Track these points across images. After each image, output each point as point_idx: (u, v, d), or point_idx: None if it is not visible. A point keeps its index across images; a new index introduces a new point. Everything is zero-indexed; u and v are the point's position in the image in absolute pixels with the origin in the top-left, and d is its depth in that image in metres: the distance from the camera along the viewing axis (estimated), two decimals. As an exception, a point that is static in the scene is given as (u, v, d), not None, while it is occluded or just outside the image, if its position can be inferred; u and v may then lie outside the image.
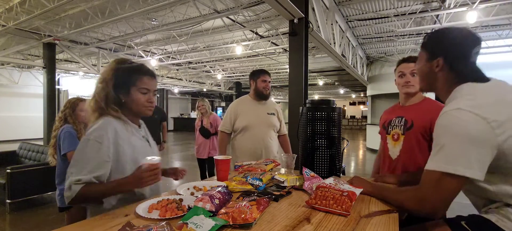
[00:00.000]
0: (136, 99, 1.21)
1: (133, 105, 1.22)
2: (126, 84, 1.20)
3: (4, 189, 3.54)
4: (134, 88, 1.20)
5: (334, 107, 1.48)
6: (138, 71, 1.22)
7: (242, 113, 2.43)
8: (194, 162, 4.00)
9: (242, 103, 2.51)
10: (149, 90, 1.23)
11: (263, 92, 2.45)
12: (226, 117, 2.48)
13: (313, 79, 14.37)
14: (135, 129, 1.26)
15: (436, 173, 0.88)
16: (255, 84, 2.47)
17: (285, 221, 0.92)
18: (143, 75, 1.22)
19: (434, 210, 0.91)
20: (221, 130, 2.49)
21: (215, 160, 1.47)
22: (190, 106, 22.09)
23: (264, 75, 2.47)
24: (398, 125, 1.59)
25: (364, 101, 24.98)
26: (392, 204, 1.06)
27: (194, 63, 11.31)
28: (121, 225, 0.82)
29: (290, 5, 3.30)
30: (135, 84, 1.20)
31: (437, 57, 1.00)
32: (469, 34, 0.97)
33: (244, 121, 2.40)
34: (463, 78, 0.96)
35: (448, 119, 0.89)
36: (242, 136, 2.41)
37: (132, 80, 1.20)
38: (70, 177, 1.04)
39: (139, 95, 1.21)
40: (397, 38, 7.20)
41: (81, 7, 5.46)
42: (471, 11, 4.74)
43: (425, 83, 1.09)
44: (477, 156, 0.84)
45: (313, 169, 1.42)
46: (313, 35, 4.17)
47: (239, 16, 5.87)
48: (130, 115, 1.24)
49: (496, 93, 0.91)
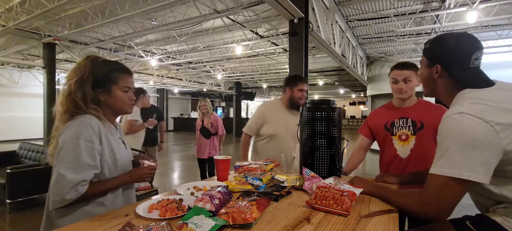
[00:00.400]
0: (119, 98, 1.20)
1: (116, 104, 1.20)
2: (107, 83, 1.17)
3: (4, 189, 3.54)
4: (116, 87, 1.19)
5: (334, 107, 1.48)
6: (118, 70, 1.21)
7: (271, 120, 2.24)
8: (194, 162, 4.00)
9: (272, 109, 2.31)
10: (130, 88, 1.23)
11: (298, 103, 2.20)
12: (253, 120, 2.31)
13: (313, 79, 14.38)
14: (113, 130, 1.23)
15: (440, 178, 0.88)
16: (291, 92, 2.24)
17: (285, 221, 0.92)
18: (124, 74, 1.21)
19: (438, 214, 0.91)
20: (245, 131, 2.33)
21: (215, 160, 1.47)
22: (190, 106, 22.09)
23: (302, 83, 2.23)
24: (404, 126, 1.66)
25: (364, 101, 24.98)
26: (394, 205, 1.06)
27: (194, 63, 11.31)
28: (121, 225, 0.82)
29: (290, 5, 3.30)
30: (117, 83, 1.19)
31: (435, 64, 1.01)
32: (467, 40, 0.97)
33: (272, 128, 2.22)
34: (464, 84, 0.96)
35: (451, 123, 0.89)
36: (266, 143, 2.25)
37: (113, 79, 1.18)
38: (69, 178, 1.00)
39: (121, 94, 1.20)
40: (397, 38, 7.19)
41: (81, 7, 5.46)
42: (471, 11, 4.74)
43: (427, 89, 1.10)
44: (481, 159, 0.83)
45: (313, 169, 1.42)
46: (313, 35, 4.17)
47: (239, 16, 5.87)
48: (109, 114, 1.22)
49: (500, 98, 0.90)
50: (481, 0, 4.59)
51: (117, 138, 1.24)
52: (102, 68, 1.17)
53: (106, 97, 1.18)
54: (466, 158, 0.84)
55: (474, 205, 1.08)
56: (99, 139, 1.11)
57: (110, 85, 1.18)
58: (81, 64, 1.17)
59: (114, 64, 1.23)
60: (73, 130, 1.07)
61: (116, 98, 1.19)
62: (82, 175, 1.03)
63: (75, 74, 1.14)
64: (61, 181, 1.01)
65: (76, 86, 1.12)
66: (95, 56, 1.20)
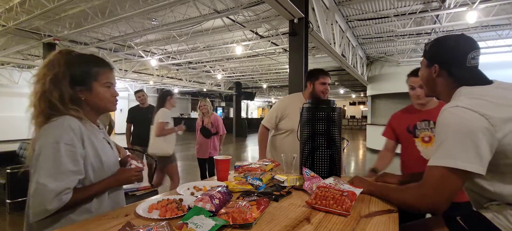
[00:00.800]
0: (102, 95, 1.10)
1: (98, 102, 1.10)
2: (87, 79, 1.06)
3: (4, 189, 3.54)
4: (97, 84, 1.08)
5: (334, 107, 1.48)
6: (98, 64, 1.10)
7: (291, 114, 2.17)
8: (194, 162, 4.01)
9: (293, 103, 2.20)
10: (112, 83, 1.13)
11: (321, 97, 2.16)
12: (272, 112, 2.24)
13: (313, 79, 14.35)
14: (96, 130, 1.13)
15: (437, 169, 0.91)
16: (312, 86, 2.19)
17: (285, 221, 0.92)
18: (105, 68, 1.11)
19: (436, 206, 0.93)
20: (264, 124, 2.25)
21: (215, 160, 1.47)
22: (190, 106, 22.10)
23: (324, 77, 2.18)
24: (427, 128, 1.70)
25: (364, 101, 24.98)
26: (394, 203, 1.07)
27: (194, 63, 11.31)
28: (121, 225, 0.82)
29: (290, 5, 3.30)
30: (98, 79, 1.08)
31: (434, 63, 1.06)
32: (463, 40, 1.01)
33: (291, 123, 2.15)
34: (462, 82, 0.99)
35: (446, 116, 0.92)
36: (284, 138, 2.20)
37: (93, 74, 1.08)
38: (51, 187, 0.91)
39: (104, 90, 1.10)
40: (397, 38, 7.20)
41: (81, 7, 5.46)
42: (471, 11, 4.74)
43: (428, 89, 1.14)
44: (476, 150, 0.86)
45: (313, 169, 1.42)
46: (313, 35, 4.17)
47: (239, 16, 5.87)
48: (90, 114, 1.12)
49: (496, 94, 0.93)
50: (481, 0, 4.59)
51: (101, 138, 1.14)
52: (79, 64, 1.07)
53: (86, 95, 1.07)
54: (462, 149, 0.87)
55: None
56: (82, 142, 1.01)
57: (91, 82, 1.07)
58: (54, 59, 1.04)
59: (93, 58, 1.12)
60: (51, 134, 0.96)
61: (98, 95, 1.09)
62: (64, 182, 0.94)
63: (48, 71, 1.02)
64: (41, 190, 0.91)
65: (51, 85, 1.00)
66: (68, 50, 1.09)
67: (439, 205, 0.92)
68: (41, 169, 0.93)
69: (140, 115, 4.30)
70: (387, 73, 9.84)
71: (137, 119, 4.31)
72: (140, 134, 4.21)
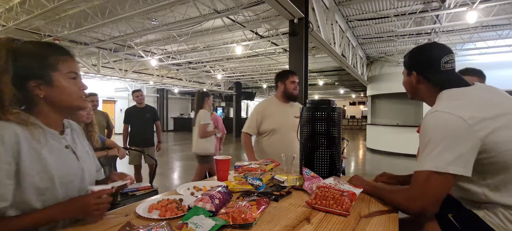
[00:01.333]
0: (68, 89, 0.89)
1: (64, 98, 0.89)
2: (44, 71, 0.85)
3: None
4: (58, 75, 0.87)
5: (334, 107, 1.48)
6: (54, 51, 0.89)
7: (269, 115, 2.32)
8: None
9: (269, 105, 2.39)
10: (77, 74, 0.92)
11: (293, 94, 2.33)
12: (252, 118, 2.36)
13: (313, 79, 14.38)
14: (55, 136, 0.90)
15: (422, 173, 0.94)
16: (284, 86, 2.35)
17: (285, 221, 0.92)
18: (65, 55, 0.90)
19: (423, 208, 0.95)
20: (245, 131, 2.37)
21: (215, 160, 1.47)
22: (190, 107, 22.09)
23: (293, 75, 2.36)
24: None
25: (364, 101, 24.97)
26: (386, 202, 1.09)
27: (194, 63, 11.31)
28: (121, 225, 0.82)
29: (290, 5, 3.30)
30: (58, 69, 0.87)
31: (412, 71, 1.14)
32: (436, 47, 1.09)
33: (272, 123, 2.30)
34: (441, 86, 1.05)
35: (428, 121, 0.97)
36: (269, 139, 2.31)
37: (52, 64, 0.86)
38: None
39: (69, 82, 0.89)
40: (397, 38, 7.19)
41: (81, 7, 5.46)
42: (471, 11, 4.74)
43: (411, 95, 1.21)
44: (458, 152, 0.88)
45: (313, 169, 1.42)
46: (313, 35, 4.16)
47: (239, 16, 5.87)
48: (51, 115, 0.90)
49: (475, 95, 0.98)
50: (481, 0, 4.59)
51: (62, 148, 0.90)
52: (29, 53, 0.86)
53: (47, 91, 0.86)
54: (443, 151, 0.90)
55: None
56: (17, 155, 0.77)
57: (49, 73, 0.86)
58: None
59: (46, 45, 0.91)
60: None
61: (63, 89, 0.88)
62: None
63: None
64: None
65: None
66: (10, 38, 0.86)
67: (427, 208, 0.94)
68: None
69: (138, 115, 4.27)
70: (387, 73, 9.84)
71: (134, 119, 4.28)
72: (138, 134, 4.19)
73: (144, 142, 4.19)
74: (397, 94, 9.66)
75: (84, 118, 2.38)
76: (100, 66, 9.41)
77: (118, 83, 15.63)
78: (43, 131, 0.86)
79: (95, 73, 9.78)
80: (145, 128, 4.26)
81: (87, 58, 9.64)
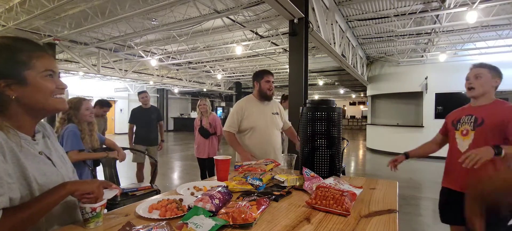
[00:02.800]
0: (44, 88, 0.80)
1: (39, 100, 0.80)
2: (16, 69, 0.77)
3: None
4: (32, 73, 0.79)
5: (334, 107, 1.48)
6: (28, 47, 0.80)
7: (248, 113, 2.39)
8: (194, 162, 4.01)
9: (247, 104, 2.45)
10: (54, 71, 0.84)
11: (267, 93, 2.41)
12: (232, 117, 2.41)
13: (313, 79, 14.37)
14: (27, 142, 0.81)
15: None
16: (259, 85, 2.43)
17: (285, 221, 0.92)
18: (40, 51, 0.82)
19: None
20: (227, 130, 2.41)
21: (215, 160, 1.47)
22: (190, 106, 22.09)
23: (268, 75, 2.43)
24: (467, 122, 1.74)
25: (364, 101, 24.97)
26: None
27: (194, 63, 11.31)
28: (121, 225, 0.82)
29: (290, 5, 3.30)
30: (33, 67, 0.79)
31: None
32: None
33: (252, 121, 2.38)
34: None
35: None
36: (250, 137, 2.39)
37: (24, 61, 0.78)
38: None
39: (46, 82, 0.81)
40: (397, 38, 7.19)
41: (81, 7, 5.46)
42: (471, 11, 4.74)
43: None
44: None
45: (313, 169, 1.42)
46: (313, 35, 4.16)
47: (239, 16, 5.87)
48: (23, 118, 0.81)
49: None
50: (481, 0, 4.58)
51: (36, 153, 0.83)
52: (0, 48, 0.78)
53: (19, 91, 0.78)
54: None
55: None
56: (2, 157, 0.72)
57: (22, 72, 0.78)
58: None
59: (17, 40, 0.81)
60: None
61: (39, 89, 0.80)
62: None
63: None
64: None
65: None
66: None
67: None
68: None
69: (143, 116, 4.44)
70: (387, 73, 9.84)
71: (139, 120, 4.44)
72: (143, 134, 4.36)
73: (148, 141, 4.36)
74: (397, 94, 9.67)
75: (87, 117, 2.39)
76: (100, 66, 9.41)
77: (118, 83, 15.62)
78: (17, 135, 0.78)
79: (95, 73, 9.79)
80: (150, 127, 4.40)
81: (87, 58, 9.64)
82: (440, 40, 7.33)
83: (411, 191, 4.83)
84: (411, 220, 3.53)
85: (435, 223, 3.35)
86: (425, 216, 3.69)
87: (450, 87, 8.43)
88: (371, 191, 1.26)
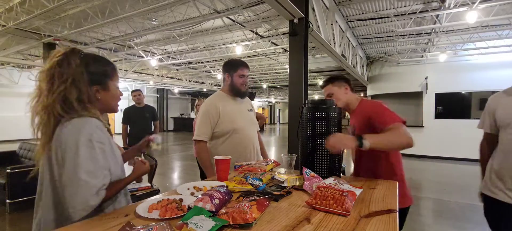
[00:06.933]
0: (115, 95, 1.11)
1: (111, 102, 1.10)
2: (104, 78, 1.06)
3: (4, 189, 3.54)
4: (112, 82, 1.09)
5: (334, 108, 1.48)
6: (109, 63, 1.11)
7: (224, 114, 1.95)
8: (194, 162, 4.01)
9: (221, 102, 1.99)
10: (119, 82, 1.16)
11: (241, 89, 2.01)
12: (203, 122, 1.94)
13: (313, 79, 14.37)
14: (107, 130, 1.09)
15: None
16: (231, 79, 2.01)
17: (285, 221, 0.92)
18: (115, 69, 1.12)
19: None
20: (200, 139, 1.93)
21: (215, 160, 1.47)
22: (190, 106, 22.09)
23: (243, 68, 2.00)
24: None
25: (364, 101, 24.91)
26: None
27: (194, 63, 11.31)
28: (121, 225, 0.82)
29: (290, 5, 3.30)
30: (113, 78, 1.09)
31: None
32: None
33: (231, 123, 1.95)
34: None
35: None
36: (228, 141, 1.96)
37: (109, 73, 1.08)
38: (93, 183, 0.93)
39: (117, 91, 1.12)
40: (397, 38, 7.19)
41: (81, 7, 5.46)
42: (471, 11, 4.74)
43: None
44: None
45: (313, 169, 1.42)
46: (313, 35, 4.16)
47: (239, 16, 5.87)
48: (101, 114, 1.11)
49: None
50: (481, 0, 4.58)
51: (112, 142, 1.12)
52: (95, 62, 1.06)
53: (102, 94, 1.07)
54: None
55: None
56: (109, 141, 1.03)
57: (107, 81, 1.07)
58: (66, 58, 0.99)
59: (103, 57, 1.12)
60: (83, 132, 0.95)
61: (113, 95, 1.10)
62: (101, 179, 0.95)
63: (62, 70, 0.97)
64: (84, 187, 0.91)
65: (71, 84, 0.98)
66: (76, 48, 1.04)
67: None
68: (80, 166, 0.92)
69: (137, 115, 4.29)
70: (387, 73, 9.84)
71: (133, 119, 4.30)
72: (137, 134, 4.17)
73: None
74: (397, 94, 9.66)
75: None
76: (100, 66, 9.40)
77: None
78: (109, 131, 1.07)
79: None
80: (144, 128, 4.26)
81: (87, 58, 9.64)
82: (440, 40, 7.33)
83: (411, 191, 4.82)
84: (411, 220, 3.53)
85: (435, 223, 3.37)
86: (425, 216, 3.69)
87: (450, 87, 8.43)
88: (371, 191, 1.26)
